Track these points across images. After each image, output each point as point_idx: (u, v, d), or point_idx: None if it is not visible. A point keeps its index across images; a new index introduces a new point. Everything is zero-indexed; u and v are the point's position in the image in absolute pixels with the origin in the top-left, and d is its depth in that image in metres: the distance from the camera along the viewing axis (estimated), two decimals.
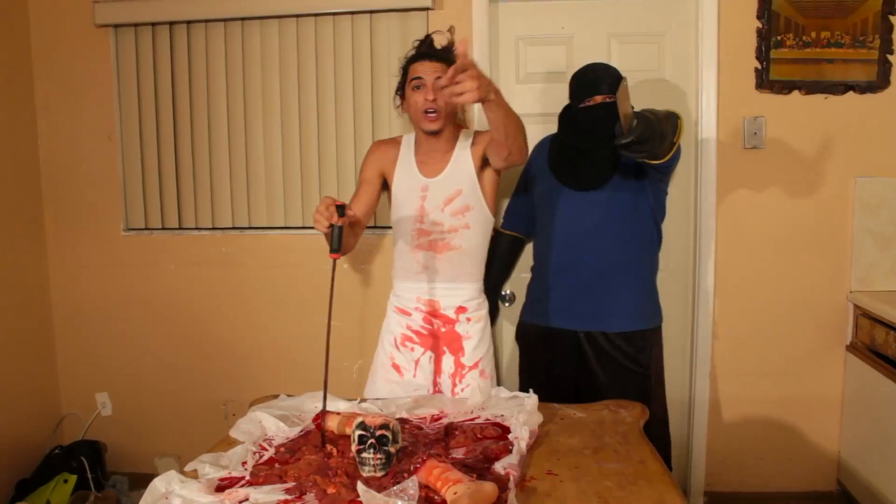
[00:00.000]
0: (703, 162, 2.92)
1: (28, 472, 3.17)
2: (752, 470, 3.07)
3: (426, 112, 2.17)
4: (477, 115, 2.97)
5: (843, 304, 2.96)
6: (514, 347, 2.83)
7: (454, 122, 2.31)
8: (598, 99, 2.38)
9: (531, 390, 1.89)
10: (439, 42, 2.31)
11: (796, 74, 2.86)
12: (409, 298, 2.33)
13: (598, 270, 2.45)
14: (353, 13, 3.02)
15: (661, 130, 1.99)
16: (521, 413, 1.76)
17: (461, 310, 2.30)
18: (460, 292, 2.31)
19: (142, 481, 3.25)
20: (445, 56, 2.24)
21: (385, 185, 2.38)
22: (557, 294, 2.52)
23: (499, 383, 2.44)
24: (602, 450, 1.68)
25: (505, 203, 2.89)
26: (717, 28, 2.86)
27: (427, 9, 2.96)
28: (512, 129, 1.98)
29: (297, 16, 3.05)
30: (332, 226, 1.89)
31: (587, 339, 2.48)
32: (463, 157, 2.27)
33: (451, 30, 2.87)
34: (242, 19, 3.09)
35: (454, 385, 2.29)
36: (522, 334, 2.70)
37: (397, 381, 2.31)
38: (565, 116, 2.55)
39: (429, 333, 2.31)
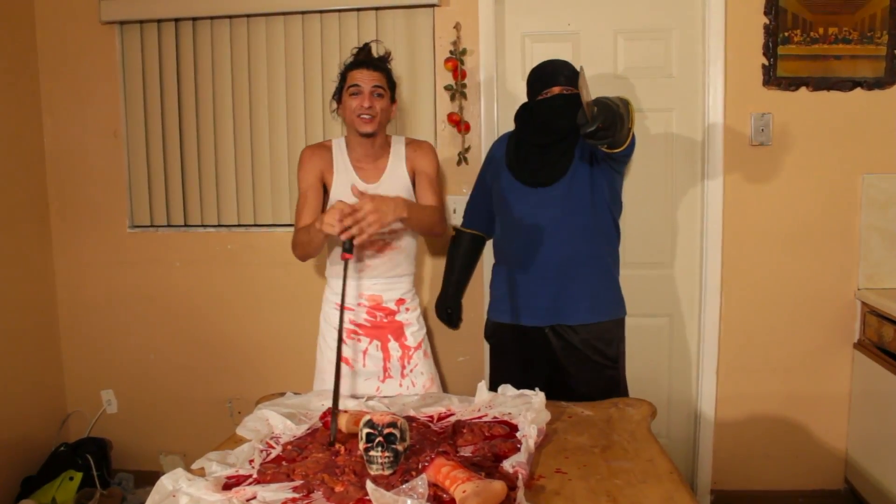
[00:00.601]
0: (710, 158, 2.92)
1: (34, 469, 3.18)
2: (758, 468, 3.07)
3: (360, 115, 2.24)
4: (484, 117, 2.96)
5: (850, 302, 2.95)
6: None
7: (384, 130, 2.37)
8: (557, 90, 2.40)
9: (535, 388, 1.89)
10: (376, 52, 2.38)
11: (804, 71, 2.84)
12: (351, 296, 2.35)
13: (558, 265, 2.42)
14: (358, 10, 3.02)
15: (620, 115, 1.99)
16: (529, 411, 1.75)
17: (401, 301, 2.41)
18: (400, 285, 2.41)
19: (147, 479, 3.27)
20: (382, 65, 2.32)
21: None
22: (520, 290, 2.50)
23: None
24: (610, 448, 1.68)
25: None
26: (725, 24, 2.85)
27: (433, 5, 2.96)
28: (427, 226, 2.28)
29: (303, 12, 3.05)
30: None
31: (553, 333, 2.46)
32: (398, 168, 2.37)
33: (456, 26, 2.89)
34: (248, 16, 3.09)
35: (403, 367, 2.39)
36: (491, 333, 2.68)
37: (347, 374, 2.35)
38: (523, 113, 2.54)
39: (372, 325, 2.38)
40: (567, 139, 2.40)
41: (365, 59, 2.32)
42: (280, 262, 3.19)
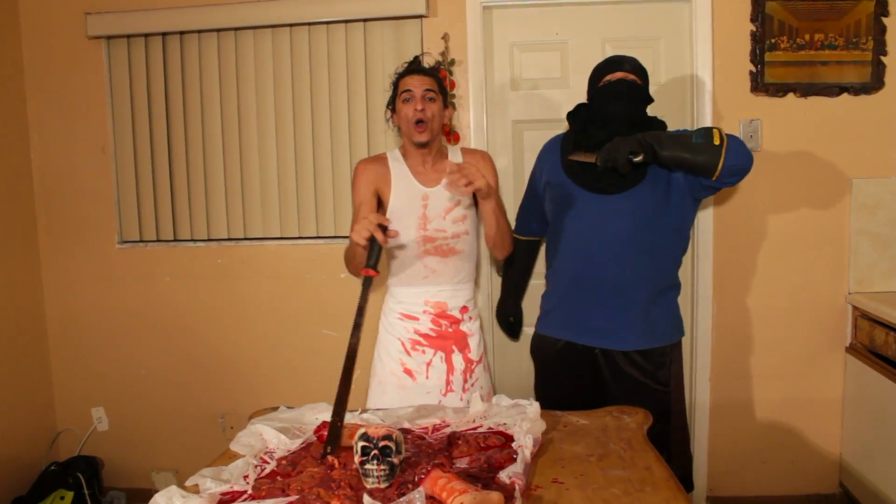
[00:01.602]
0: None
1: (24, 489, 3.14)
2: (753, 474, 3.07)
3: (416, 122, 2.27)
4: (473, 126, 2.97)
5: (841, 306, 2.96)
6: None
7: (440, 137, 2.41)
8: (620, 74, 2.29)
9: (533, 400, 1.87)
10: (427, 62, 2.48)
11: (791, 77, 2.86)
12: (415, 303, 2.37)
13: (618, 285, 2.28)
14: (346, 22, 3.02)
15: (684, 141, 2.07)
16: (524, 421, 1.74)
17: (464, 309, 2.41)
18: (463, 292, 2.41)
19: (139, 497, 3.24)
20: (433, 72, 2.38)
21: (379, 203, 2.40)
22: (573, 307, 2.38)
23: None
24: (607, 457, 1.67)
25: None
26: (712, 32, 2.87)
27: (421, 16, 2.96)
28: (502, 228, 2.33)
29: (291, 25, 3.05)
30: (372, 238, 1.98)
31: (603, 355, 2.34)
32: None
33: (445, 37, 2.90)
34: (236, 29, 3.09)
35: (465, 381, 2.38)
36: (537, 347, 2.53)
37: (410, 386, 2.35)
38: (579, 109, 2.45)
39: (437, 335, 2.37)
40: (628, 130, 2.22)
41: (415, 65, 2.39)
42: (271, 276, 3.17)
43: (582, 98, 2.91)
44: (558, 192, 2.40)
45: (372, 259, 1.97)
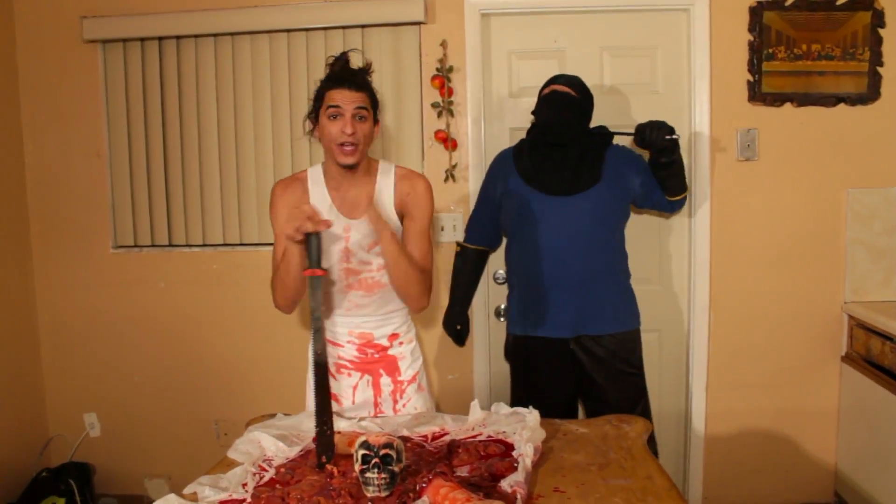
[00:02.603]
0: (697, 174, 2.93)
1: (15, 496, 3.11)
2: (749, 483, 3.06)
3: (342, 144, 1.97)
4: (471, 134, 2.97)
5: (837, 315, 2.97)
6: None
7: (366, 155, 2.11)
8: (554, 87, 2.50)
9: (530, 406, 1.87)
10: (355, 63, 2.10)
11: (788, 87, 2.88)
12: (339, 332, 2.20)
13: (585, 278, 2.48)
14: (344, 28, 3.01)
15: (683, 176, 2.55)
16: (524, 429, 1.74)
17: (394, 336, 2.22)
18: (393, 321, 2.22)
19: (132, 503, 3.20)
20: (365, 83, 2.03)
21: None
22: (543, 302, 2.53)
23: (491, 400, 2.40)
24: (608, 466, 1.66)
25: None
26: (709, 41, 2.88)
27: (419, 23, 2.96)
28: (407, 280, 2.02)
29: (288, 30, 3.04)
30: (308, 235, 1.81)
31: (577, 345, 2.53)
32: (385, 205, 2.10)
33: (443, 44, 2.88)
34: (233, 34, 3.08)
35: (395, 402, 2.22)
36: (515, 349, 2.66)
37: (337, 410, 2.14)
38: (533, 127, 2.63)
39: (362, 361, 2.22)
40: (578, 149, 2.49)
41: (344, 74, 2.03)
42: (266, 281, 3.11)
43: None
44: (519, 198, 2.55)
45: (313, 255, 1.80)
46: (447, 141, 2.98)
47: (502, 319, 3.02)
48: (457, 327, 2.83)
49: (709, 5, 2.87)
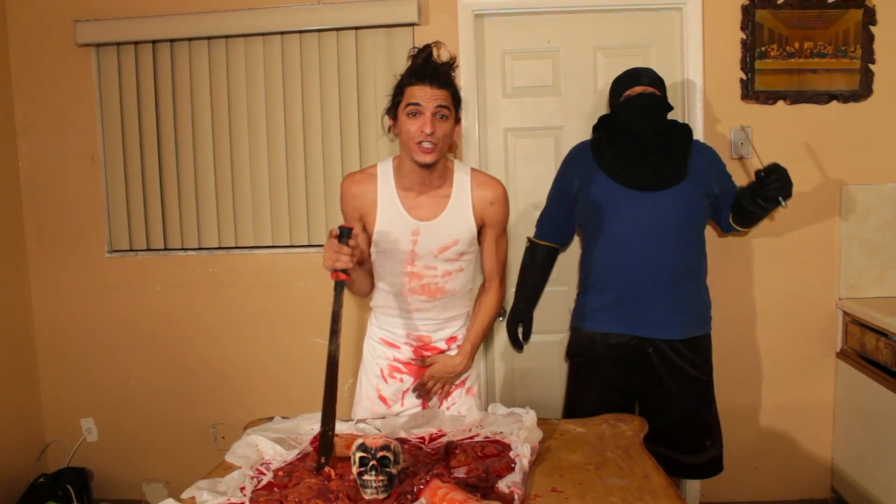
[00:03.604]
0: None
1: (12, 501, 3.10)
2: (746, 479, 3.07)
3: (420, 143, 1.90)
4: (465, 134, 2.97)
5: (832, 312, 2.98)
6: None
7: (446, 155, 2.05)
8: (639, 88, 2.41)
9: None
10: (438, 56, 1.98)
11: (781, 85, 2.88)
12: (397, 333, 2.17)
13: (673, 276, 2.40)
14: (338, 29, 3.02)
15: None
16: (521, 430, 1.74)
17: (452, 339, 2.19)
18: (451, 326, 2.18)
19: None
20: (448, 80, 1.94)
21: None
22: (631, 301, 2.43)
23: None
24: (605, 465, 1.67)
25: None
26: (702, 40, 2.89)
27: (413, 24, 2.96)
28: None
29: (282, 33, 3.04)
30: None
31: (655, 348, 2.44)
32: (462, 209, 2.04)
33: (436, 44, 2.87)
34: (227, 37, 3.07)
35: (440, 405, 2.20)
36: (583, 346, 2.54)
37: (384, 412, 2.16)
38: (603, 121, 2.58)
39: (419, 365, 2.19)
40: (666, 142, 2.43)
41: (427, 70, 1.93)
42: (262, 285, 3.16)
43: (573, 106, 2.93)
44: (598, 192, 2.47)
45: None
46: None
47: (500, 319, 3.00)
48: (518, 324, 2.72)
49: (701, 4, 2.88)
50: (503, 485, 1.49)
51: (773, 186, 2.25)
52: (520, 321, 2.73)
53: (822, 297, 2.99)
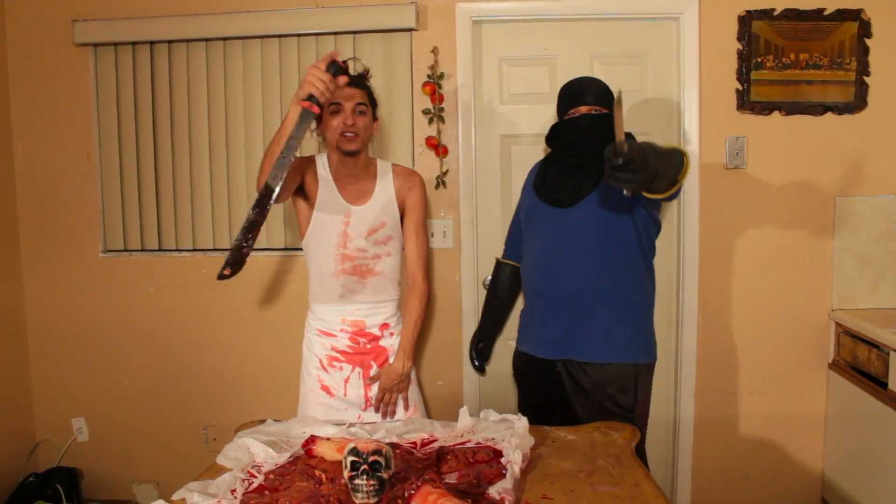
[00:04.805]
0: (686, 182, 2.93)
1: (1, 500, 3.09)
2: (737, 489, 3.08)
3: (344, 133, 2.20)
4: (461, 141, 2.97)
5: (824, 323, 2.99)
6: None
7: (367, 151, 2.36)
8: (584, 109, 2.29)
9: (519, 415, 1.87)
10: (354, 69, 2.35)
11: (776, 95, 2.90)
12: (332, 321, 2.35)
13: (572, 294, 2.28)
14: (336, 34, 3.02)
15: (657, 165, 1.76)
16: (513, 436, 1.74)
17: (384, 326, 2.37)
18: (383, 310, 2.37)
19: None
20: (363, 83, 2.29)
21: (302, 191, 2.32)
22: (535, 319, 2.41)
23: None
24: (596, 473, 1.67)
25: None
26: (699, 50, 2.90)
27: (411, 29, 2.97)
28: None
29: (280, 36, 3.04)
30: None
31: (565, 371, 2.31)
32: (386, 195, 2.34)
33: (434, 50, 2.90)
34: (224, 39, 3.08)
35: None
36: (513, 364, 2.58)
37: (329, 403, 2.33)
38: (552, 133, 2.43)
39: (355, 352, 2.35)
40: (596, 161, 2.09)
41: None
42: (257, 287, 3.15)
43: None
44: (527, 208, 2.48)
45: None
46: (438, 147, 2.98)
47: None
48: (478, 345, 2.71)
49: (698, 14, 2.89)
50: (494, 491, 1.49)
51: (621, 178, 1.64)
52: (480, 342, 2.73)
53: (814, 307, 3.00)
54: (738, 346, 3.02)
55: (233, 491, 1.55)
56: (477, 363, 2.75)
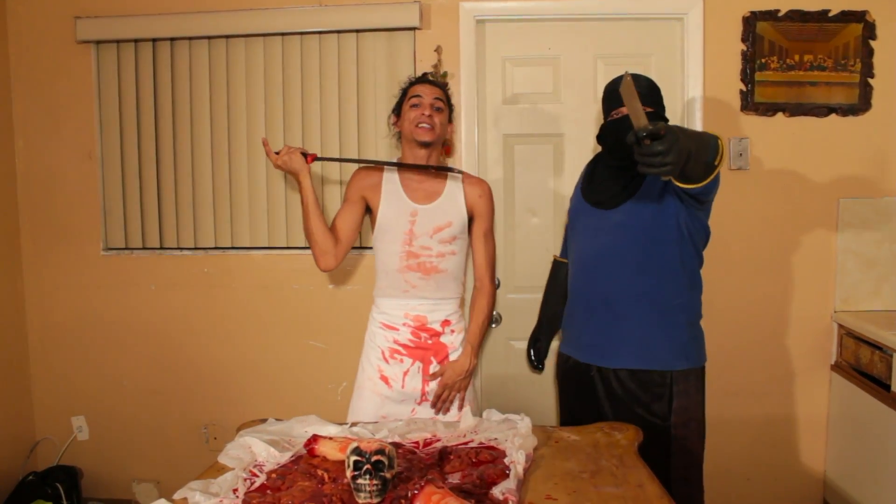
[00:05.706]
0: None
1: (1, 499, 3.08)
2: (739, 491, 3.07)
3: (420, 124, 2.29)
4: (465, 140, 2.97)
5: (827, 325, 2.98)
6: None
7: (440, 151, 2.46)
8: (624, 111, 2.16)
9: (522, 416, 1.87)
10: (437, 77, 2.62)
11: (780, 97, 2.89)
12: (395, 315, 2.39)
13: (608, 299, 2.21)
14: (339, 32, 3.01)
15: (688, 145, 1.65)
16: (516, 437, 1.74)
17: (446, 323, 2.40)
18: (445, 308, 2.40)
19: None
20: (442, 85, 2.44)
21: (368, 210, 2.44)
22: (572, 322, 2.37)
23: None
24: (599, 473, 1.66)
25: None
26: (703, 50, 2.89)
27: (414, 28, 2.96)
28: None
29: (283, 34, 3.04)
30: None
31: (599, 375, 2.25)
32: (454, 196, 2.37)
33: (437, 49, 2.90)
34: (227, 37, 3.07)
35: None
36: (556, 365, 2.53)
37: (386, 393, 2.35)
38: (599, 134, 2.32)
39: (416, 346, 2.37)
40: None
41: (426, 77, 2.46)
42: (257, 286, 3.15)
43: (573, 114, 2.94)
44: (573, 207, 2.45)
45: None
46: (442, 146, 2.97)
47: (494, 325, 3.01)
48: (535, 344, 2.66)
49: (703, 14, 2.88)
50: (497, 491, 1.48)
51: (653, 158, 1.54)
52: (536, 340, 2.66)
53: (817, 309, 2.99)
54: (740, 348, 3.01)
55: (234, 490, 1.55)
56: (536, 364, 2.68)
